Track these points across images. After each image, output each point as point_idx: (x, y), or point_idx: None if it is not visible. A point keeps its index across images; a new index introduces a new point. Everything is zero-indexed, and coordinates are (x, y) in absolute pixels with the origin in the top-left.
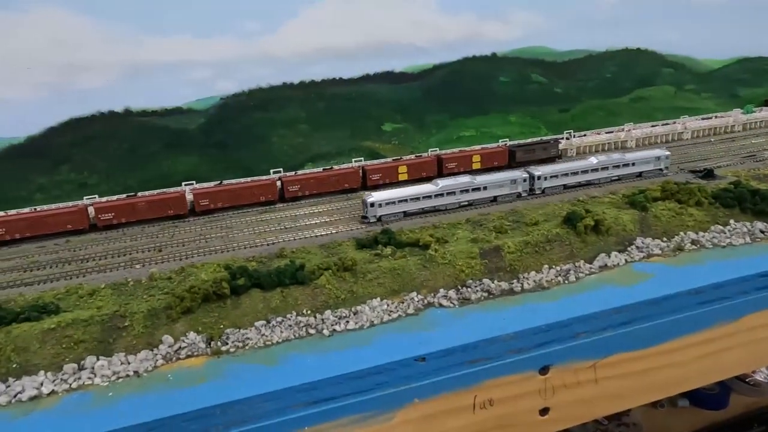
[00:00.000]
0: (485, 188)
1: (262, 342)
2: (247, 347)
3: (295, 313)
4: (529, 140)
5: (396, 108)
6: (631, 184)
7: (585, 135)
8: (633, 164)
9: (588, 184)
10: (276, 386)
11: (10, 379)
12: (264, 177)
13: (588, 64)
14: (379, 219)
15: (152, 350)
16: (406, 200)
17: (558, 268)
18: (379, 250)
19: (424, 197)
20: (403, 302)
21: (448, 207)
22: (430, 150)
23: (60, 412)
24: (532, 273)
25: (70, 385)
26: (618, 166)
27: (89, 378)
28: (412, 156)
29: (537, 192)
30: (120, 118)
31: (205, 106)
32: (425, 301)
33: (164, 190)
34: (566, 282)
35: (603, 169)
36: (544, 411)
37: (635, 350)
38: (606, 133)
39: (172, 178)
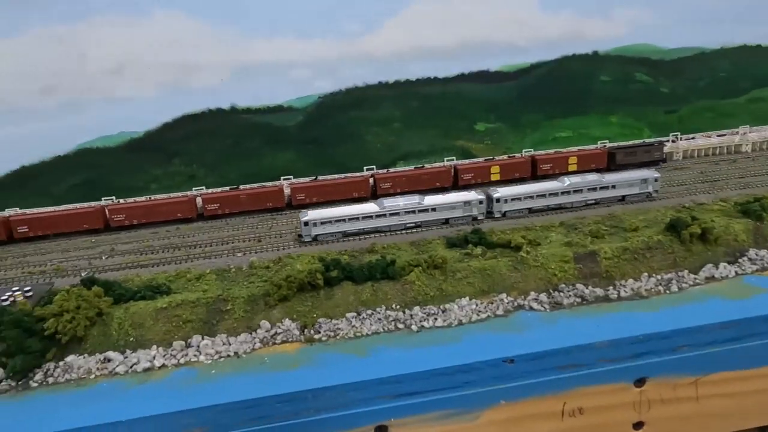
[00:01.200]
0: (434, 210)
1: (353, 333)
2: (338, 337)
3: (384, 307)
4: (631, 142)
5: (490, 107)
6: (745, 191)
7: (693, 138)
8: (613, 187)
9: (558, 208)
10: (364, 377)
11: (128, 351)
12: (357, 174)
13: (699, 62)
14: (315, 238)
15: (251, 334)
16: (344, 220)
17: (659, 277)
18: (469, 250)
19: (364, 218)
20: (492, 303)
21: (392, 228)
22: (524, 151)
23: (169, 384)
24: (630, 281)
25: (179, 360)
26: (594, 189)
27: (195, 355)
28: (505, 156)
29: (496, 216)
30: (226, 114)
31: (303, 105)
32: (515, 303)
33: (264, 183)
34: (667, 292)
35: (576, 192)
36: (638, 425)
37: (743, 369)
38: (718, 136)
39: (270, 172)
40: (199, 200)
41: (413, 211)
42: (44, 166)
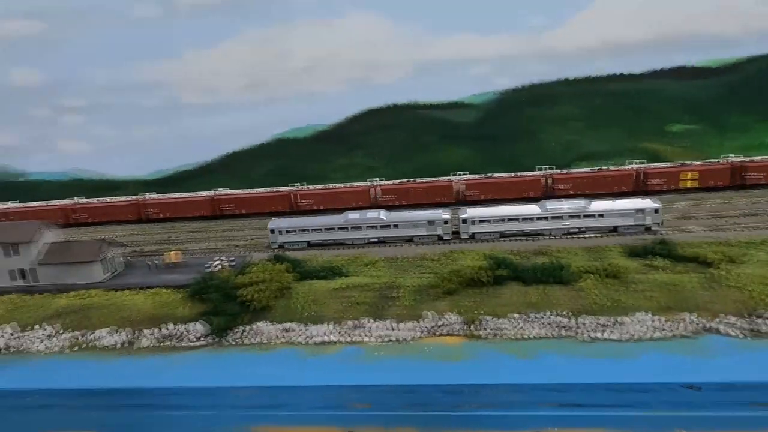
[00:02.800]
0: (395, 226)
1: (517, 334)
2: (501, 336)
3: (552, 312)
4: None
5: (686, 107)
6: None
7: None
8: (600, 216)
9: (535, 234)
10: (527, 380)
11: (306, 324)
12: (531, 173)
13: None
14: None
15: (416, 322)
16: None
17: None
18: (651, 261)
19: (326, 229)
20: (675, 321)
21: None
22: (724, 156)
23: (339, 358)
24: None
25: (349, 338)
26: (578, 217)
27: (364, 336)
28: (706, 162)
29: (464, 237)
30: (405, 110)
31: (481, 101)
32: (703, 325)
33: (435, 178)
34: None
35: (554, 218)
36: None
37: None
38: None
39: (444, 167)
40: (374, 190)
41: (375, 227)
42: (246, 153)
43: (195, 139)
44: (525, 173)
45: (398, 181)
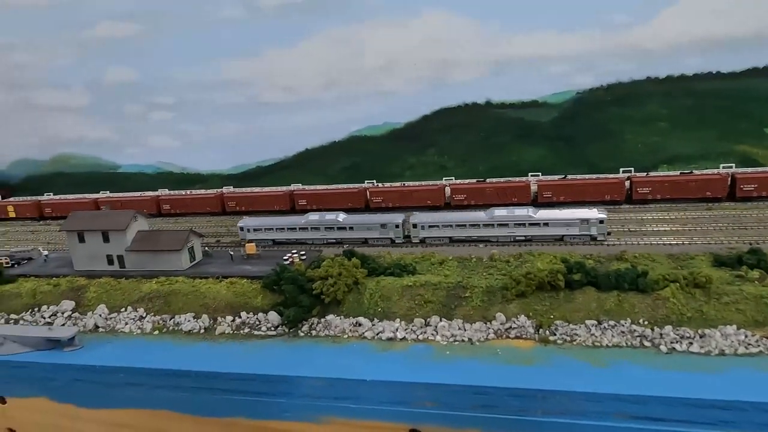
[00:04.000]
0: (351, 228)
1: (591, 341)
2: (574, 342)
3: (630, 321)
4: None
5: None
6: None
7: None
8: (546, 224)
9: (483, 240)
10: (601, 389)
11: (376, 320)
12: (611, 175)
13: None
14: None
15: (486, 323)
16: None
17: None
18: (742, 272)
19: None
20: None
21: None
22: None
23: (408, 356)
24: None
25: (417, 336)
26: (523, 225)
27: (432, 334)
28: None
29: (415, 241)
30: (480, 108)
31: (559, 100)
32: None
33: (510, 178)
34: None
35: (500, 225)
36: None
37: None
38: None
39: (517, 167)
40: (447, 189)
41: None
42: (322, 150)
43: (273, 136)
44: (606, 175)
45: (470, 180)
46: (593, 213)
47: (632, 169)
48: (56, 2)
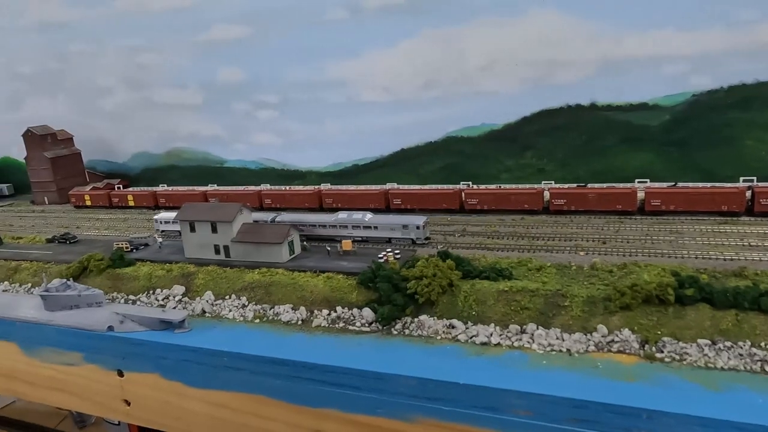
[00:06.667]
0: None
1: (703, 362)
2: (684, 362)
3: (750, 343)
4: None
5: None
6: None
7: None
8: (375, 228)
9: (331, 239)
10: (714, 414)
11: (469, 323)
12: (728, 184)
13: None
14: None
15: (586, 335)
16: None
17: None
18: None
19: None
20: None
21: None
22: None
23: (502, 361)
24: None
25: (512, 342)
26: (358, 227)
27: (528, 342)
28: None
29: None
30: (584, 111)
31: (672, 103)
32: None
33: (614, 184)
34: None
35: (341, 227)
36: None
37: None
38: None
39: (622, 172)
40: (546, 194)
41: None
42: (417, 150)
43: (370, 135)
44: (722, 184)
45: (570, 185)
46: (415, 219)
47: (754, 178)
48: (180, 6)
